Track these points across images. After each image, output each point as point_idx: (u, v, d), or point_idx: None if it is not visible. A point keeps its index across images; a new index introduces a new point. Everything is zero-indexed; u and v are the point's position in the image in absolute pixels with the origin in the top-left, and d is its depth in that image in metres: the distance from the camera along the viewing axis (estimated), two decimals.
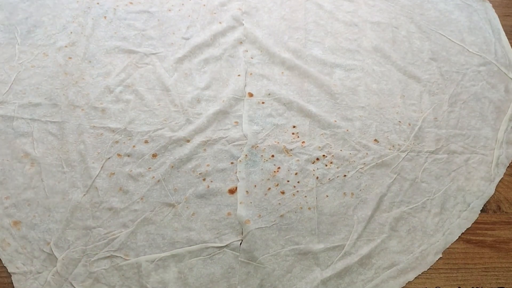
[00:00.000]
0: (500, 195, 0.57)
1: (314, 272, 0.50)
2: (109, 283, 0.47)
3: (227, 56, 0.64)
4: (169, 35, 0.66)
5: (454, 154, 0.59)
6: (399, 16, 0.72)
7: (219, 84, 0.62)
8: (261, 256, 0.50)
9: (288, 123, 0.60)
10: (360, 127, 0.60)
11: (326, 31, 0.69)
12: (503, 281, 0.51)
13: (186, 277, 0.48)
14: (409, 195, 0.56)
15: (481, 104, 0.64)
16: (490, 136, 0.61)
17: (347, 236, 0.52)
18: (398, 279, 0.50)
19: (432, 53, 0.68)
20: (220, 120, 0.59)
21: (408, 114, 0.62)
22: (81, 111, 0.58)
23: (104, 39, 0.64)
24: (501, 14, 0.74)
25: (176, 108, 0.59)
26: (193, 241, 0.50)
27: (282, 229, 0.52)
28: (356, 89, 0.63)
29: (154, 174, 0.54)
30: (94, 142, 0.56)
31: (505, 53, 0.70)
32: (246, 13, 0.69)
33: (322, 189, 0.55)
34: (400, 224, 0.54)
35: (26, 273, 0.47)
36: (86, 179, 0.53)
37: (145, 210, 0.52)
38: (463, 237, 0.54)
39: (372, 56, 0.67)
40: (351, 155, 0.58)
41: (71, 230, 0.50)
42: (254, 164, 0.56)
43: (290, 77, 0.63)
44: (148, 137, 0.57)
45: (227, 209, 0.53)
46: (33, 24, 0.64)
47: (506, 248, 0.53)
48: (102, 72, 0.61)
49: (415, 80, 0.65)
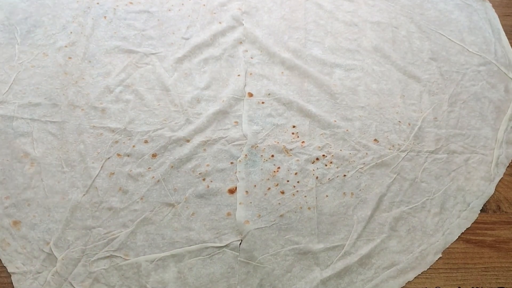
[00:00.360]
0: (500, 195, 0.57)
1: (313, 272, 0.50)
2: (108, 283, 0.47)
3: (227, 56, 0.65)
4: (169, 35, 0.66)
5: (454, 154, 0.59)
6: (399, 16, 0.72)
7: (219, 84, 0.62)
8: (260, 256, 0.50)
9: (288, 123, 0.60)
10: (360, 127, 0.60)
11: (326, 31, 0.69)
12: (503, 281, 0.51)
13: (186, 277, 0.48)
14: (409, 195, 0.56)
15: (481, 104, 0.64)
16: (490, 136, 0.61)
17: (346, 236, 0.52)
18: (398, 279, 0.50)
19: (432, 53, 0.68)
20: (220, 120, 0.59)
21: (408, 114, 0.62)
22: (81, 111, 0.58)
23: (104, 39, 0.64)
24: (501, 14, 0.74)
25: (176, 108, 0.59)
26: (192, 241, 0.50)
27: (282, 229, 0.52)
28: (356, 89, 0.63)
29: (154, 174, 0.54)
30: (94, 142, 0.56)
31: (505, 53, 0.70)
32: (246, 13, 0.69)
33: (322, 189, 0.55)
34: (400, 224, 0.54)
35: (26, 273, 0.47)
36: (86, 179, 0.53)
37: (145, 210, 0.52)
38: (463, 237, 0.54)
39: (372, 56, 0.67)
40: (351, 155, 0.58)
41: (71, 230, 0.50)
42: (253, 164, 0.56)
43: (290, 77, 0.63)
44: (148, 137, 0.57)
45: (226, 209, 0.53)
46: (33, 24, 0.64)
47: (506, 248, 0.53)
48: (102, 72, 0.61)
49: (415, 80, 0.65)
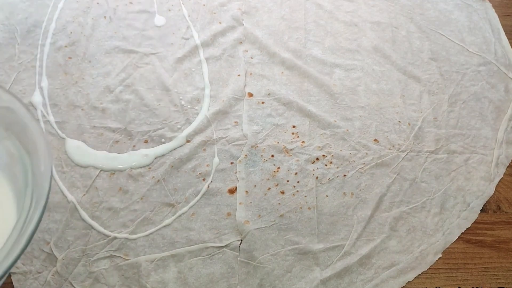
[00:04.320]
0: (500, 195, 0.57)
1: (313, 272, 0.50)
2: (109, 283, 0.47)
3: (226, 56, 0.65)
4: (169, 35, 0.66)
5: (454, 154, 0.59)
6: (399, 16, 0.72)
7: (219, 84, 0.62)
8: (260, 256, 0.50)
9: (288, 123, 0.60)
10: (360, 127, 0.60)
11: (326, 31, 0.69)
12: (503, 281, 0.51)
13: (186, 277, 0.48)
14: (408, 195, 0.56)
15: (481, 104, 0.64)
16: (490, 136, 0.61)
17: (346, 236, 0.52)
18: (398, 279, 0.50)
19: (432, 53, 0.68)
20: (220, 120, 0.59)
21: (408, 114, 0.62)
22: (81, 111, 0.58)
23: (104, 39, 0.64)
24: (501, 14, 0.74)
25: (176, 108, 0.59)
26: (192, 241, 0.50)
27: (282, 229, 0.52)
28: (356, 89, 0.63)
29: (154, 174, 0.54)
30: (95, 142, 0.56)
31: (505, 53, 0.70)
32: (246, 13, 0.69)
33: (322, 189, 0.55)
34: (400, 224, 0.54)
35: (26, 273, 0.47)
36: (86, 179, 0.53)
37: (145, 210, 0.52)
38: (463, 237, 0.54)
39: (372, 56, 0.67)
40: (351, 155, 0.58)
41: (71, 230, 0.50)
42: (253, 164, 0.56)
43: (290, 77, 0.63)
44: (148, 137, 0.57)
45: (226, 209, 0.53)
46: (33, 24, 0.64)
47: (506, 248, 0.53)
48: (102, 72, 0.61)
49: (415, 80, 0.65)
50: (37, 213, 0.32)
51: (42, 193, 0.34)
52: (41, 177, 0.34)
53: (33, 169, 0.36)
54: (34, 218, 0.32)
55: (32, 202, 0.34)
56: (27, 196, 0.35)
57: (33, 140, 0.36)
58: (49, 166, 0.35)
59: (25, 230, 0.32)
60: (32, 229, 0.32)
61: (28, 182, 0.35)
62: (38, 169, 0.35)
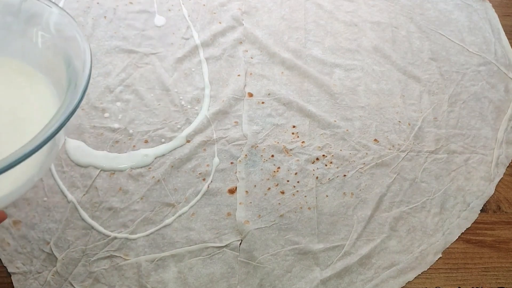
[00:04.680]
0: (500, 195, 0.57)
1: (313, 272, 0.50)
2: (109, 283, 0.47)
3: (226, 56, 0.65)
4: (169, 35, 0.66)
5: (454, 154, 0.59)
6: (399, 16, 0.72)
7: (218, 84, 0.62)
8: (260, 256, 0.50)
9: (288, 123, 0.60)
10: (360, 127, 0.60)
11: (326, 31, 0.69)
12: (503, 281, 0.51)
13: (186, 277, 0.48)
14: (408, 195, 0.56)
15: (481, 104, 0.64)
16: (490, 136, 0.61)
17: (346, 236, 0.52)
18: (398, 279, 0.50)
19: (432, 53, 0.68)
20: (220, 120, 0.59)
21: (408, 114, 0.62)
22: (81, 111, 0.58)
23: (104, 39, 0.64)
24: (501, 14, 0.75)
25: (176, 108, 0.59)
26: (192, 241, 0.50)
27: (282, 229, 0.52)
28: (356, 89, 0.63)
29: (154, 174, 0.54)
30: (95, 142, 0.56)
31: (505, 53, 0.70)
32: (246, 13, 0.69)
33: (322, 189, 0.55)
34: (400, 224, 0.54)
35: (26, 273, 0.47)
36: (86, 179, 0.53)
37: (145, 210, 0.52)
38: (463, 237, 0.54)
39: (372, 56, 0.67)
40: (351, 155, 0.58)
41: (71, 230, 0.50)
42: (253, 164, 0.56)
43: (290, 77, 0.63)
44: (148, 137, 0.57)
45: (226, 209, 0.53)
46: None
47: (506, 248, 0.53)
48: (102, 72, 0.61)
49: (415, 80, 0.65)
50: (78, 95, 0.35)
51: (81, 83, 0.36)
52: (81, 78, 0.37)
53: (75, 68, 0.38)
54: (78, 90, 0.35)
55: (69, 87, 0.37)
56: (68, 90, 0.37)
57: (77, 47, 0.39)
58: (88, 67, 0.37)
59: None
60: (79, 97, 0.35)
61: (70, 80, 0.38)
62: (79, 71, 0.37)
